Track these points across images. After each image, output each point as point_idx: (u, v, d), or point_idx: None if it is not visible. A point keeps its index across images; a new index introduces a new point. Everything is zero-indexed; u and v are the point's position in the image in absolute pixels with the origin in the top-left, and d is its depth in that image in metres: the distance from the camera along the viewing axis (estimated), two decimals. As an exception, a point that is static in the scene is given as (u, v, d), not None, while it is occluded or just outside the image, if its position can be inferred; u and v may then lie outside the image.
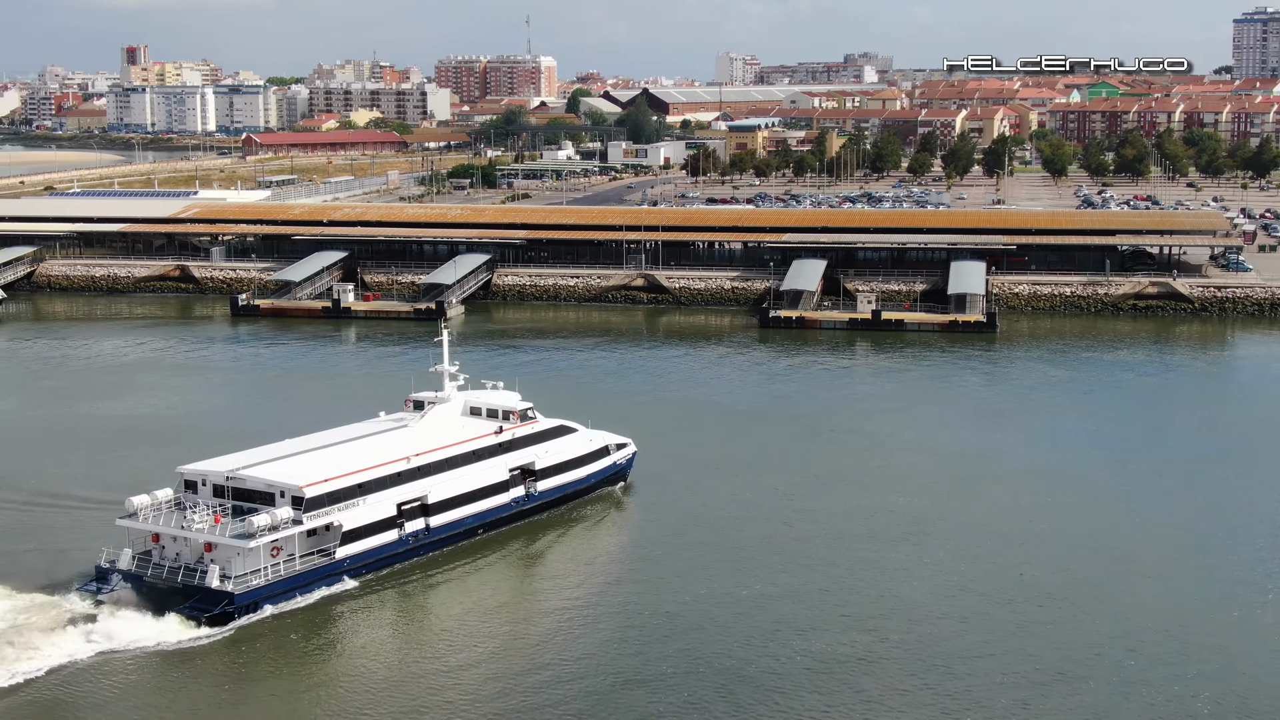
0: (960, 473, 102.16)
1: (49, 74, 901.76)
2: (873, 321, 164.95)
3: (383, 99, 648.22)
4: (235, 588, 73.79)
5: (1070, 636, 71.59)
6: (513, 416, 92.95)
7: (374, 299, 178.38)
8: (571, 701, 64.51)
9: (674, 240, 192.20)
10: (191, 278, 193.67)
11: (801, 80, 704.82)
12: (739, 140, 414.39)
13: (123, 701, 65.20)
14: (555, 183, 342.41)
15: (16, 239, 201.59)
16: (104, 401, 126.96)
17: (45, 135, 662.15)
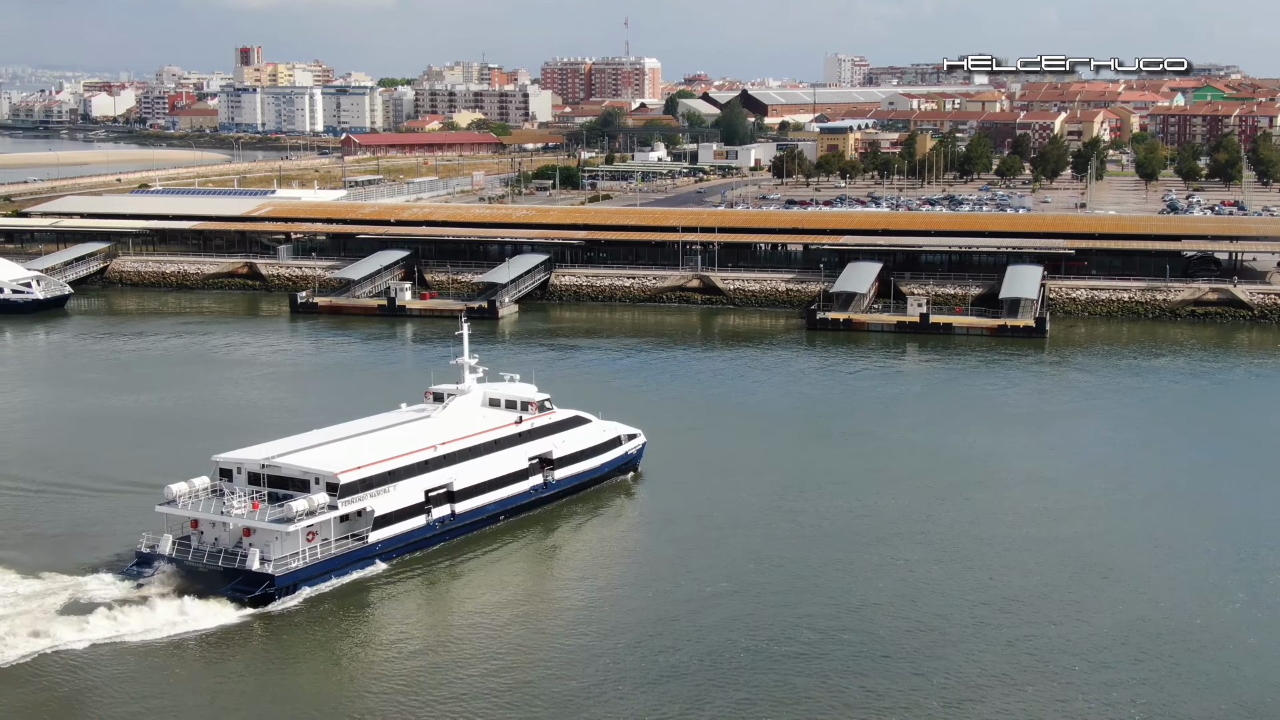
0: (961, 476, 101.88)
1: (166, 74, 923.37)
2: (921, 325, 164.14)
3: (486, 100, 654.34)
4: (275, 570, 76.92)
5: (1021, 641, 71.36)
6: (531, 407, 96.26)
7: (430, 297, 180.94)
8: (587, 675, 67.25)
9: (735, 242, 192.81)
10: (259, 275, 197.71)
11: (910, 82, 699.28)
12: (830, 142, 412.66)
13: (170, 678, 68.06)
14: (640, 184, 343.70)
15: (91, 235, 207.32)
16: (145, 393, 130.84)
17: (157, 134, 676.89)
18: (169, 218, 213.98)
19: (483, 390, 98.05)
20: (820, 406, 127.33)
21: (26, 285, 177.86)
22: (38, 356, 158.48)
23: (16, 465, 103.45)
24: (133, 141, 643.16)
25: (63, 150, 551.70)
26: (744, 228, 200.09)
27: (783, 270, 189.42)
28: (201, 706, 65.35)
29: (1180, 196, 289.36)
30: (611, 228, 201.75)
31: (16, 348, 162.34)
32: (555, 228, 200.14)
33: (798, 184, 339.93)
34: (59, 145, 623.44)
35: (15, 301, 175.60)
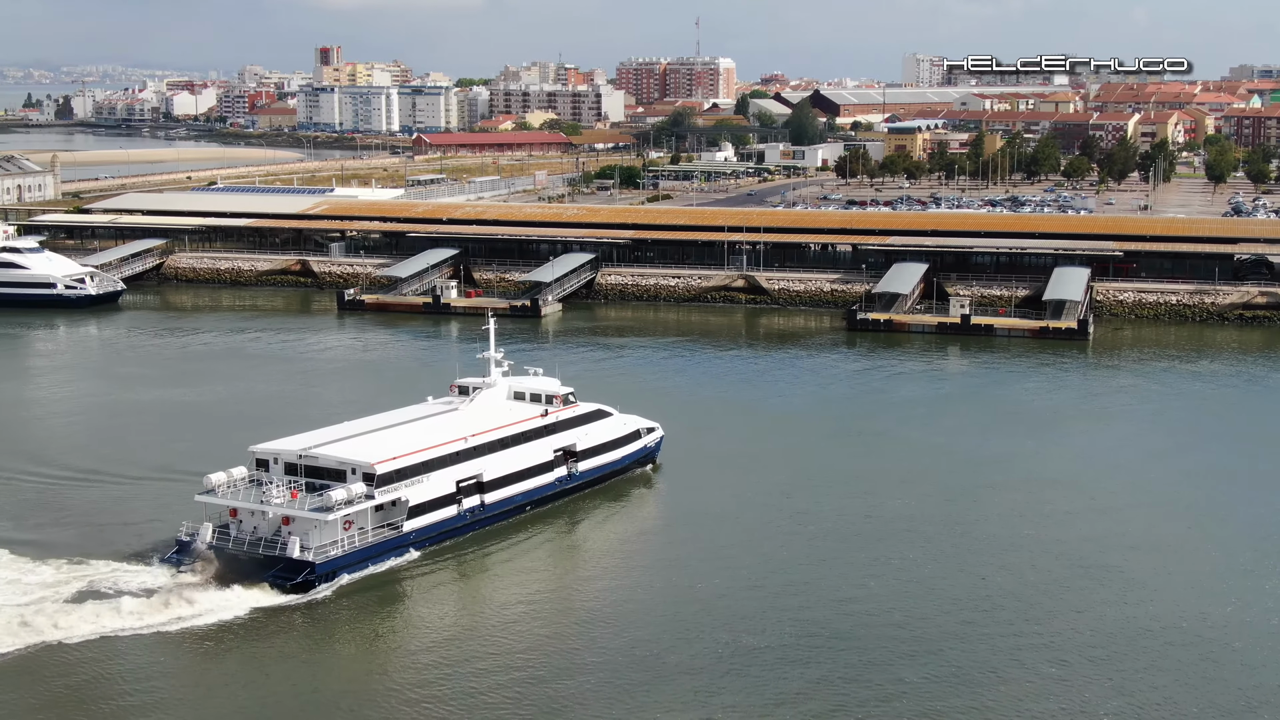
0: (974, 478, 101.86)
1: (248, 73, 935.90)
2: (962, 326, 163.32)
3: (559, 101, 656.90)
4: (316, 558, 78.72)
5: (1000, 642, 71.32)
6: (555, 400, 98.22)
7: (475, 295, 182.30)
8: (611, 657, 69.24)
9: (783, 242, 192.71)
10: (311, 272, 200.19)
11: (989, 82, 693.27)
12: (898, 142, 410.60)
13: (215, 663, 69.91)
14: (703, 184, 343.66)
15: (149, 232, 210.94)
16: (186, 386, 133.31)
17: (237, 133, 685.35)
18: (225, 215, 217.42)
19: (508, 384, 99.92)
20: (844, 406, 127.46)
21: (80, 281, 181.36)
22: (87, 350, 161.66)
23: (59, 454, 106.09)
24: (213, 140, 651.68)
25: (143, 148, 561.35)
26: (791, 228, 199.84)
27: (828, 271, 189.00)
28: (245, 689, 67.09)
29: (1247, 200, 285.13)
30: (658, 227, 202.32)
31: (68, 341, 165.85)
32: (602, 227, 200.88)
33: (861, 184, 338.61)
34: (140, 143, 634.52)
35: (68, 297, 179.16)
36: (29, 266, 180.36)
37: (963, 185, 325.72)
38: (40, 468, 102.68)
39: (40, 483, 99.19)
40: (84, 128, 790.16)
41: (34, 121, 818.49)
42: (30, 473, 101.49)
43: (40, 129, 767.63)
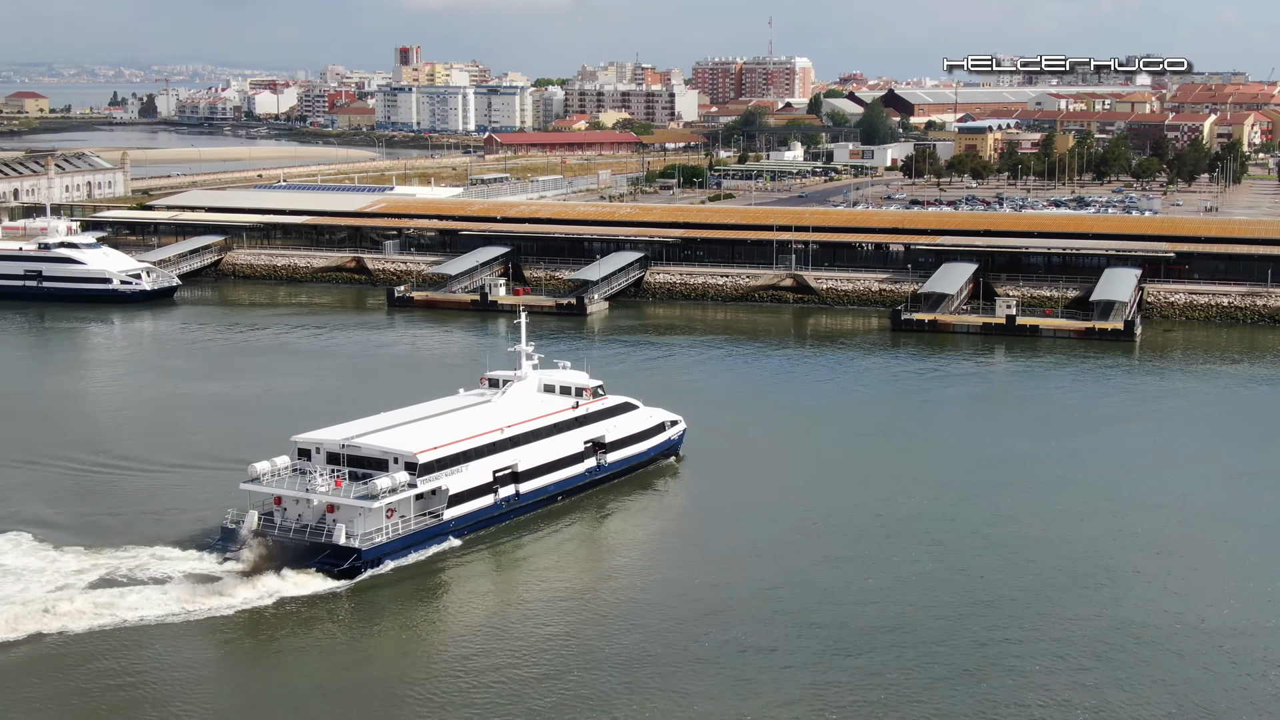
0: (991, 477, 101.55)
1: (330, 73, 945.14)
2: (1007, 326, 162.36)
3: (633, 100, 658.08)
4: (362, 544, 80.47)
5: (988, 640, 71.35)
6: (585, 393, 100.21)
7: (523, 293, 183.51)
8: (639, 642, 70.97)
9: (834, 241, 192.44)
10: (365, 269, 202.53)
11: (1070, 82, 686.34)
12: (969, 141, 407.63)
13: (265, 647, 72.03)
14: (768, 183, 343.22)
15: (208, 228, 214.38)
16: (231, 379, 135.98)
17: (316, 132, 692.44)
18: (284, 212, 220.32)
19: (538, 376, 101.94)
20: (873, 405, 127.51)
21: (136, 276, 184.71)
22: (140, 344, 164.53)
23: (109, 444, 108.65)
24: (292, 139, 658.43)
25: (223, 146, 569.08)
26: (842, 227, 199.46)
27: (877, 270, 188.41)
28: (294, 671, 69.18)
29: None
30: (708, 226, 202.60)
31: (122, 336, 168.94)
32: (653, 226, 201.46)
33: (927, 184, 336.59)
34: (221, 141, 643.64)
35: (124, 292, 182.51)
36: (86, 262, 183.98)
37: (1029, 186, 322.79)
38: (91, 456, 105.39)
39: (89, 472, 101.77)
40: (167, 126, 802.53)
41: (118, 119, 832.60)
42: (80, 461, 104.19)
43: (124, 127, 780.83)
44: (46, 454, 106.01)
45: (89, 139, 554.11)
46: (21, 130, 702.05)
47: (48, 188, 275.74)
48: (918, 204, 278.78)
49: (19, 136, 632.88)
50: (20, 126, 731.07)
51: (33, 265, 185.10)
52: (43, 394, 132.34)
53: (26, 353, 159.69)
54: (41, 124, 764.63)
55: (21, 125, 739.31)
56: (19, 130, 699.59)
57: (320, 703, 65.26)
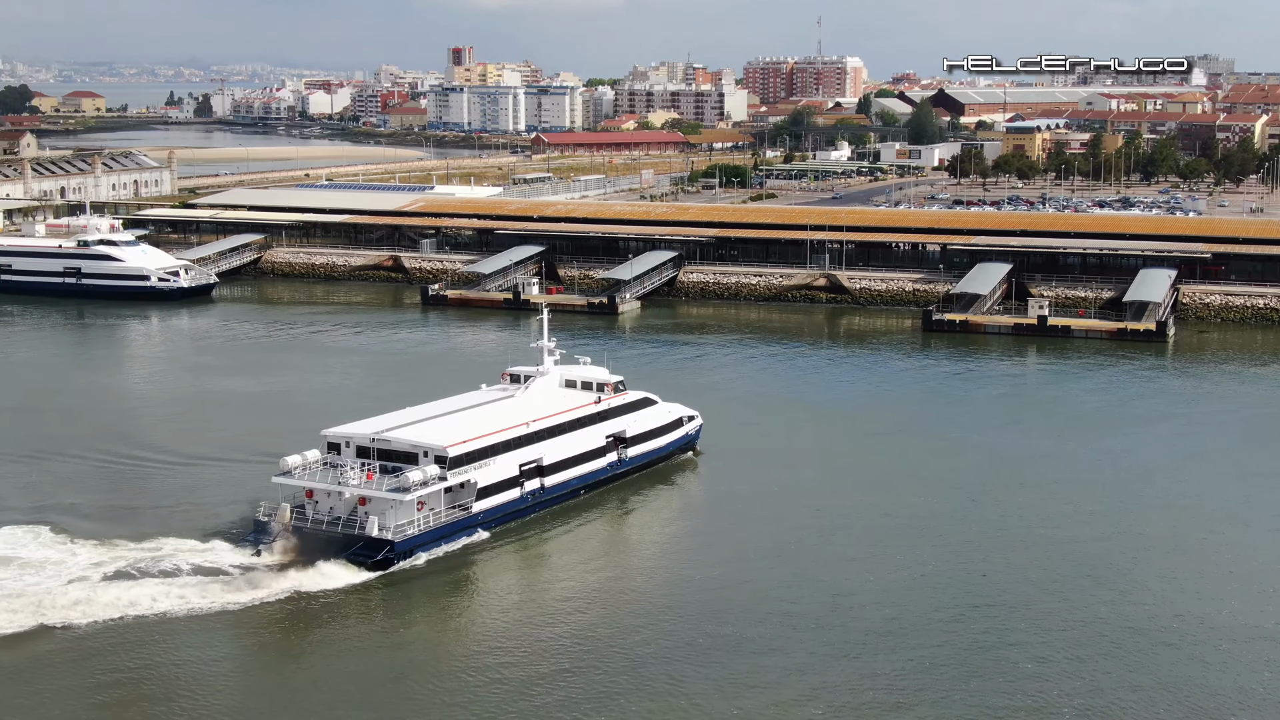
0: (1005, 477, 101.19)
1: (384, 73, 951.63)
2: (1038, 327, 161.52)
3: (682, 100, 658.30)
4: (395, 536, 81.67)
5: (981, 639, 71.32)
6: (606, 388, 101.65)
7: (556, 292, 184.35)
8: (661, 635, 71.87)
9: (870, 241, 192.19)
10: (402, 268, 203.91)
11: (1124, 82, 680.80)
12: (1016, 141, 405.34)
13: (298, 637, 73.05)
14: (811, 183, 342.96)
15: (248, 227, 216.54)
16: (260, 376, 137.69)
17: (368, 132, 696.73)
18: (323, 211, 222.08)
19: (559, 372, 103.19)
20: (894, 405, 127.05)
21: (174, 273, 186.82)
22: (176, 341, 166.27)
23: (139, 439, 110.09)
24: (345, 139, 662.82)
25: (276, 146, 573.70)
26: (876, 226, 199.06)
27: (911, 270, 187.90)
28: (328, 660, 70.29)
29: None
30: (742, 225, 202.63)
31: (158, 332, 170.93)
32: (688, 225, 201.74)
33: (973, 184, 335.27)
34: (275, 141, 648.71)
35: (161, 289, 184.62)
36: (124, 259, 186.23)
37: (1074, 186, 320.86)
38: (124, 450, 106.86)
39: (121, 465, 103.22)
40: (221, 126, 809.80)
41: (173, 119, 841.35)
42: (112, 455, 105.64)
43: (179, 126, 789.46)
44: (79, 448, 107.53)
45: (143, 138, 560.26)
46: (77, 129, 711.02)
47: (94, 186, 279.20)
48: (960, 204, 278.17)
49: (74, 135, 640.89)
50: (76, 125, 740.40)
51: (72, 262, 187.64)
52: (78, 389, 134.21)
53: (65, 349, 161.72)
54: (97, 123, 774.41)
55: (77, 124, 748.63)
56: (74, 129, 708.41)
57: (354, 692, 66.02)
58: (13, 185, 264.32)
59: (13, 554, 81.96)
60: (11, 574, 78.54)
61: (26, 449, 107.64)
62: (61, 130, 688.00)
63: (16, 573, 78.78)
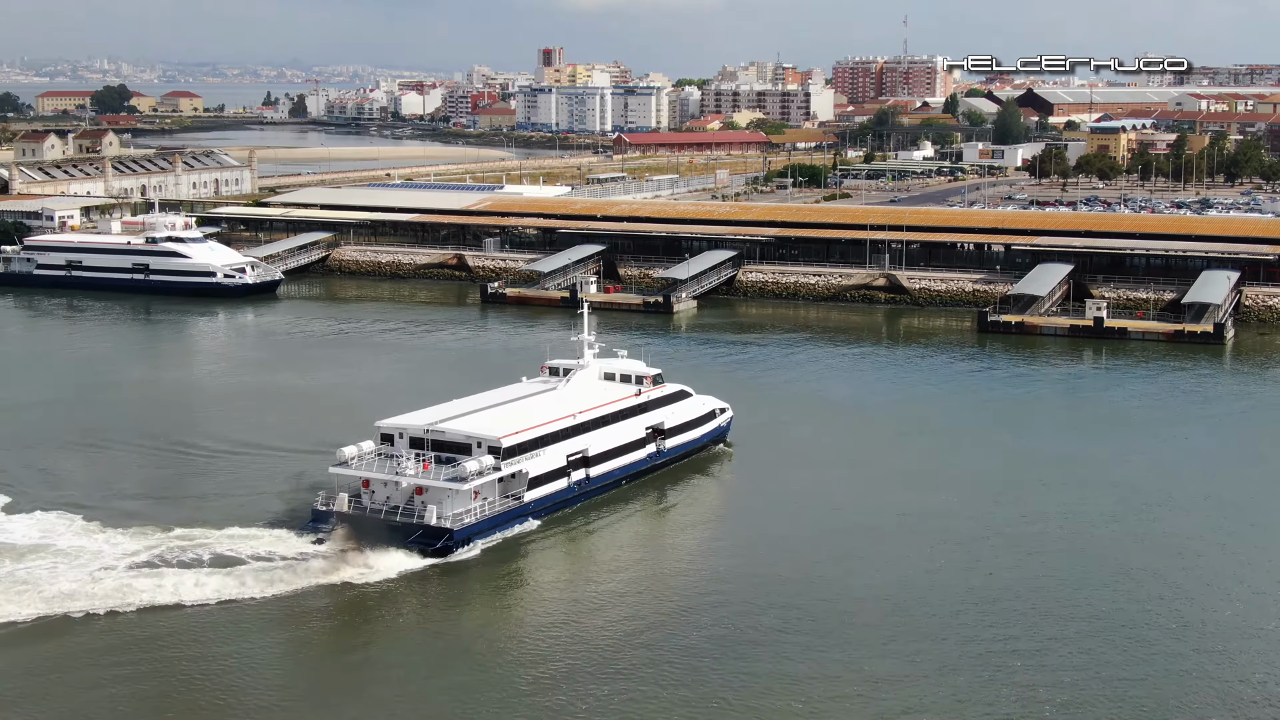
0: (1031, 477, 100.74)
1: (476, 74, 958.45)
2: (1095, 329, 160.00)
3: (768, 100, 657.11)
4: (454, 525, 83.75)
5: (975, 635, 71.45)
6: (645, 381, 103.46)
7: (613, 291, 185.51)
8: (703, 622, 73.77)
9: (932, 241, 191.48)
10: (466, 266, 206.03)
11: (1222, 82, 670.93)
12: (1101, 142, 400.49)
13: (361, 623, 75.33)
14: (890, 183, 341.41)
15: (318, 225, 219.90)
16: (311, 371, 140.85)
17: (458, 132, 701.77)
18: (391, 210, 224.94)
19: (599, 365, 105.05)
20: (931, 404, 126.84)
21: (240, 270, 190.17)
22: (238, 336, 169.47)
23: (197, 431, 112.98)
24: (435, 139, 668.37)
25: (368, 146, 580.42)
26: (938, 226, 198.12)
27: (972, 271, 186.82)
28: (387, 643, 72.67)
29: None
30: (803, 225, 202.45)
31: (223, 327, 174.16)
32: (748, 225, 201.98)
33: (1053, 185, 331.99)
34: (367, 141, 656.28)
35: (227, 285, 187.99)
36: (191, 256, 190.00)
37: (1155, 187, 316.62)
38: (187, 440, 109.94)
39: (181, 456, 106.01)
40: (316, 126, 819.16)
41: (268, 119, 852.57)
42: (173, 445, 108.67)
43: (274, 127, 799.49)
44: (138, 438, 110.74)
45: (237, 138, 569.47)
46: (173, 129, 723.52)
47: (174, 184, 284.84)
48: (1036, 204, 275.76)
49: (169, 135, 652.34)
50: (172, 125, 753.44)
51: (140, 259, 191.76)
52: (138, 381, 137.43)
53: (130, 343, 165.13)
54: (193, 123, 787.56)
55: (174, 124, 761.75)
56: (170, 129, 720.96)
57: (411, 677, 67.71)
58: (94, 183, 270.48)
59: (73, 540, 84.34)
60: (72, 560, 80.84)
61: (89, 439, 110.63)
62: (157, 130, 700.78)
63: (77, 559, 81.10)
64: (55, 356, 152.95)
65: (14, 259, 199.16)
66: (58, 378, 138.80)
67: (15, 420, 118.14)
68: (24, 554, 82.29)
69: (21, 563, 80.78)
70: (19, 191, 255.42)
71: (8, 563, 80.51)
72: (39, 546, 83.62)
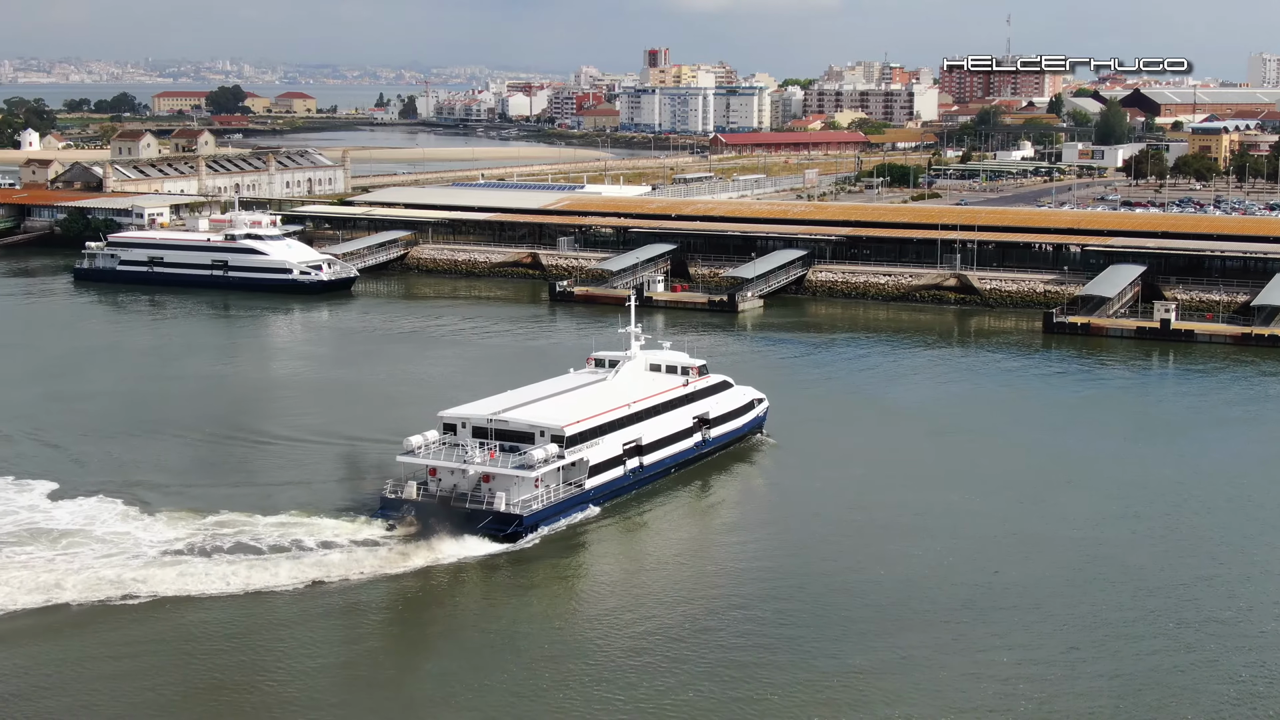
0: (1055, 478, 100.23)
1: (583, 75, 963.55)
2: (1161, 331, 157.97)
3: (871, 100, 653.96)
4: (523, 511, 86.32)
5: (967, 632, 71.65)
6: (691, 371, 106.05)
7: (680, 290, 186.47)
8: (753, 596, 77.00)
9: (1007, 241, 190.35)
10: (539, 265, 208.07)
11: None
12: (1202, 143, 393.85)
13: (437, 604, 77.85)
14: (984, 183, 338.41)
15: (399, 224, 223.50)
16: (371, 365, 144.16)
17: (562, 133, 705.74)
18: (470, 209, 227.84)
19: (645, 356, 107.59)
20: (971, 405, 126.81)
21: (316, 267, 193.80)
22: (310, 332, 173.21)
23: (270, 424, 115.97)
24: (539, 140, 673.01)
25: (474, 147, 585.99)
26: (1011, 227, 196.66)
27: (1045, 271, 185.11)
28: (462, 621, 75.62)
29: None
30: (874, 225, 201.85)
31: (298, 323, 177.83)
32: (821, 224, 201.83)
33: (1147, 186, 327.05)
34: (474, 142, 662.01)
35: (302, 282, 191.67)
36: (268, 253, 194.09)
37: (1252, 188, 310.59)
38: (252, 430, 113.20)
39: (256, 445, 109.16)
40: (425, 127, 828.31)
41: (379, 120, 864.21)
42: (236, 435, 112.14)
43: (385, 128, 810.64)
44: (206, 428, 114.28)
45: (345, 139, 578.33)
46: (284, 129, 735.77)
47: (268, 183, 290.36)
48: (1127, 205, 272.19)
49: (280, 135, 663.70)
50: (283, 126, 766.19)
51: (219, 255, 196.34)
52: (208, 374, 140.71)
53: (206, 336, 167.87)
54: (305, 124, 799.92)
55: (285, 125, 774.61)
56: (281, 129, 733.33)
57: (483, 658, 69.58)
58: (187, 182, 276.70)
59: (145, 529, 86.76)
60: (146, 546, 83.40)
61: (162, 428, 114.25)
62: (268, 130, 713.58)
63: (152, 544, 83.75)
64: (131, 349, 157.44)
65: (99, 255, 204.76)
66: (132, 369, 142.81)
67: (95, 409, 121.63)
68: (103, 538, 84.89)
69: (102, 544, 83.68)
70: (113, 189, 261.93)
71: (92, 545, 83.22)
72: (118, 534, 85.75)
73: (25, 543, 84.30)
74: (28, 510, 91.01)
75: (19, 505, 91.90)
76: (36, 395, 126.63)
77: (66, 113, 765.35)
